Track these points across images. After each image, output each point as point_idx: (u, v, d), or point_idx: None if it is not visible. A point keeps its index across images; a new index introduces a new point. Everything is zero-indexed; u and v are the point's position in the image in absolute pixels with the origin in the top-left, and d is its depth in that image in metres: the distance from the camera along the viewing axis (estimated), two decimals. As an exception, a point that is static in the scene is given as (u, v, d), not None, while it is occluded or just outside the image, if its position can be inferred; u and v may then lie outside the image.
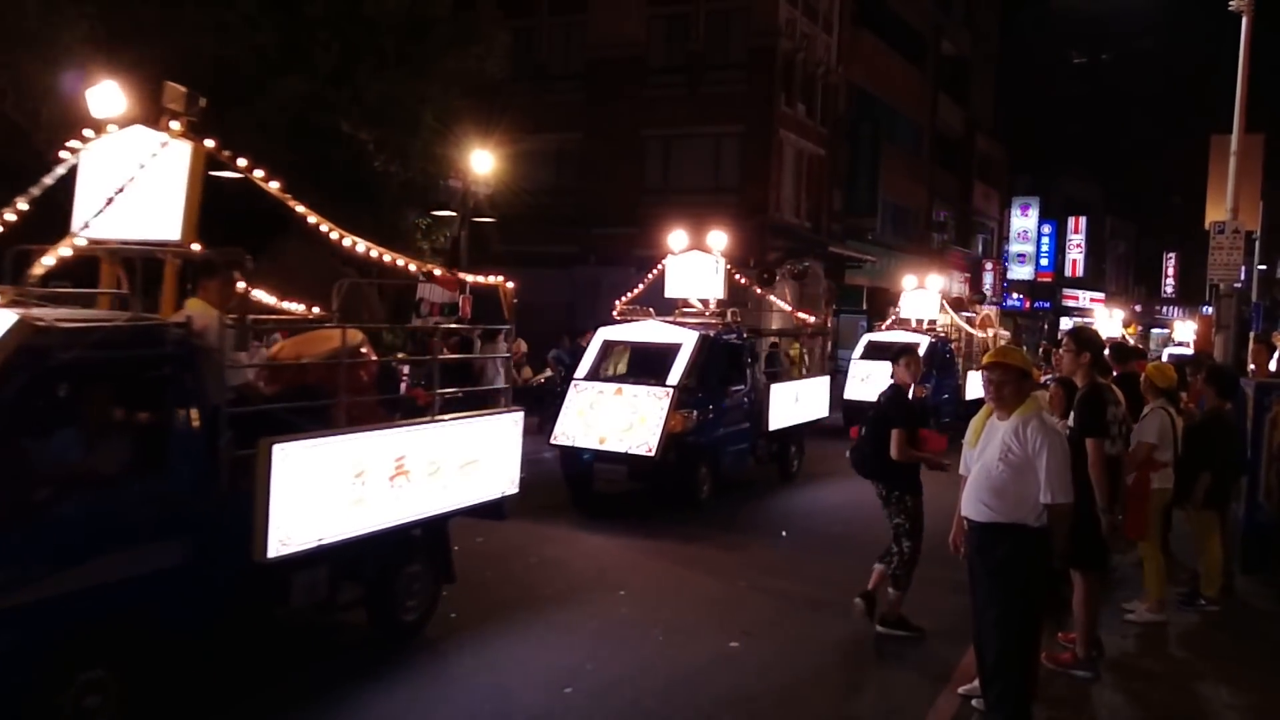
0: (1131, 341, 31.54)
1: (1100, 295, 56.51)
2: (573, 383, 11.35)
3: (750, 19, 26.49)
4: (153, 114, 5.71)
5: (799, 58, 27.58)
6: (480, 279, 8.10)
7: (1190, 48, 60.14)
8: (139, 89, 5.95)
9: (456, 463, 6.56)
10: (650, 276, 13.03)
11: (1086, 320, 42.12)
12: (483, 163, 18.26)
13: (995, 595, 4.93)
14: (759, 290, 14.10)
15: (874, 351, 18.42)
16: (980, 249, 46.32)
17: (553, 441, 11.04)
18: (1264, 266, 39.52)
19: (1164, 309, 63.34)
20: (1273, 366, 11.31)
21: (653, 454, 10.32)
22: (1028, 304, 50.74)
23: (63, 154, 5.73)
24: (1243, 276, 25.41)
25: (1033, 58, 64.71)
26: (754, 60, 26.46)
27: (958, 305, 22.48)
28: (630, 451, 10.49)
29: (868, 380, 17.49)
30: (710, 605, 7.74)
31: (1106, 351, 7.35)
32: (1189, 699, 5.93)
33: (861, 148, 30.59)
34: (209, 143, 5.74)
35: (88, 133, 5.75)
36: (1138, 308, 60.70)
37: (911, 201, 36.89)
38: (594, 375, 11.53)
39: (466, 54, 17.35)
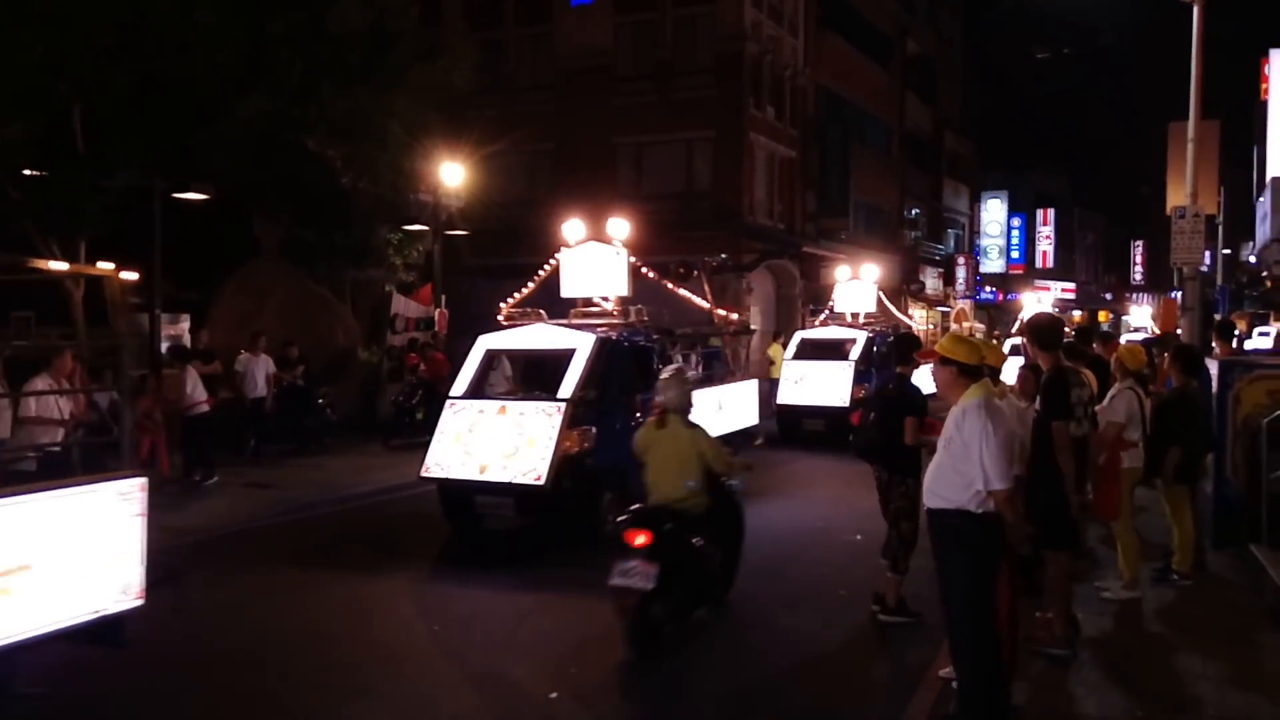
0: (1105, 328, 31.87)
1: (1071, 285, 57.16)
2: (448, 402, 9.81)
3: (716, 24, 26.68)
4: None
5: (766, 61, 27.77)
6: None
7: (1150, 41, 60.90)
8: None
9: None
10: (542, 273, 11.69)
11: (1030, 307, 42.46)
12: (453, 176, 18.27)
13: (949, 580, 4.99)
14: (670, 285, 12.30)
15: (808, 350, 17.16)
16: (952, 244, 46.71)
17: (424, 474, 9.45)
18: (1228, 251, 40.08)
19: (1134, 295, 64.05)
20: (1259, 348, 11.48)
21: (543, 482, 8.81)
22: (1000, 296, 51.22)
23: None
24: (1207, 261, 25.74)
25: (997, 55, 65.45)
26: (722, 65, 26.63)
27: (897, 297, 21.92)
28: (515, 481, 8.96)
29: (803, 383, 16.40)
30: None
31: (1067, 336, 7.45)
32: (1165, 672, 6.01)
33: (831, 149, 30.84)
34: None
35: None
36: (1108, 295, 61.37)
37: (883, 200, 37.18)
38: (476, 392, 9.98)
39: (433, 67, 17.38)
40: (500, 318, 11.03)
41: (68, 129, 14.06)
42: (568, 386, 9.39)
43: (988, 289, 49.98)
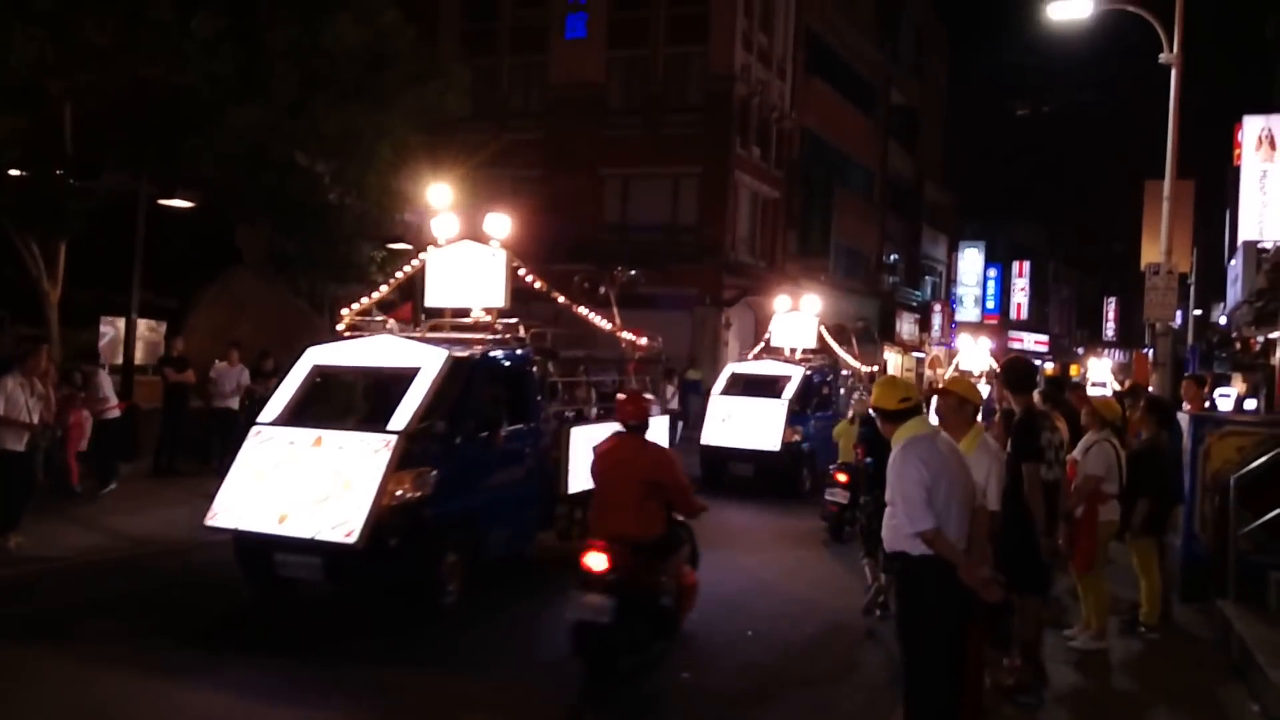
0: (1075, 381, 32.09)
1: (1045, 337, 57.85)
2: (253, 429, 7.84)
3: (707, 64, 27.04)
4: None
5: (754, 102, 28.13)
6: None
7: (1130, 99, 62.33)
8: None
9: None
10: (402, 274, 9.74)
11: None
12: (441, 197, 18.26)
13: (900, 622, 5.01)
14: (562, 299, 9.98)
15: (738, 385, 15.49)
16: (929, 291, 47.20)
17: (209, 522, 7.41)
18: (1199, 311, 40.74)
19: (1107, 351, 64.89)
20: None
21: (353, 540, 6.77)
22: (954, 342, 51.77)
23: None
24: (1179, 320, 26.16)
25: (979, 108, 66.59)
26: (711, 104, 26.96)
27: (840, 333, 19.44)
28: (320, 538, 6.90)
29: (729, 421, 14.70)
30: None
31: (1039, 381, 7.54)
32: (1131, 723, 6.06)
33: (814, 191, 31.21)
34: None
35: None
36: (1080, 350, 62.17)
37: (863, 244, 37.59)
38: (293, 418, 7.96)
39: (426, 89, 17.42)
40: (340, 326, 9.04)
41: (56, 128, 13.97)
42: (403, 415, 7.42)
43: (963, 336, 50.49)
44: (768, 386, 15.17)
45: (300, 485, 7.24)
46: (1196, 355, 28.16)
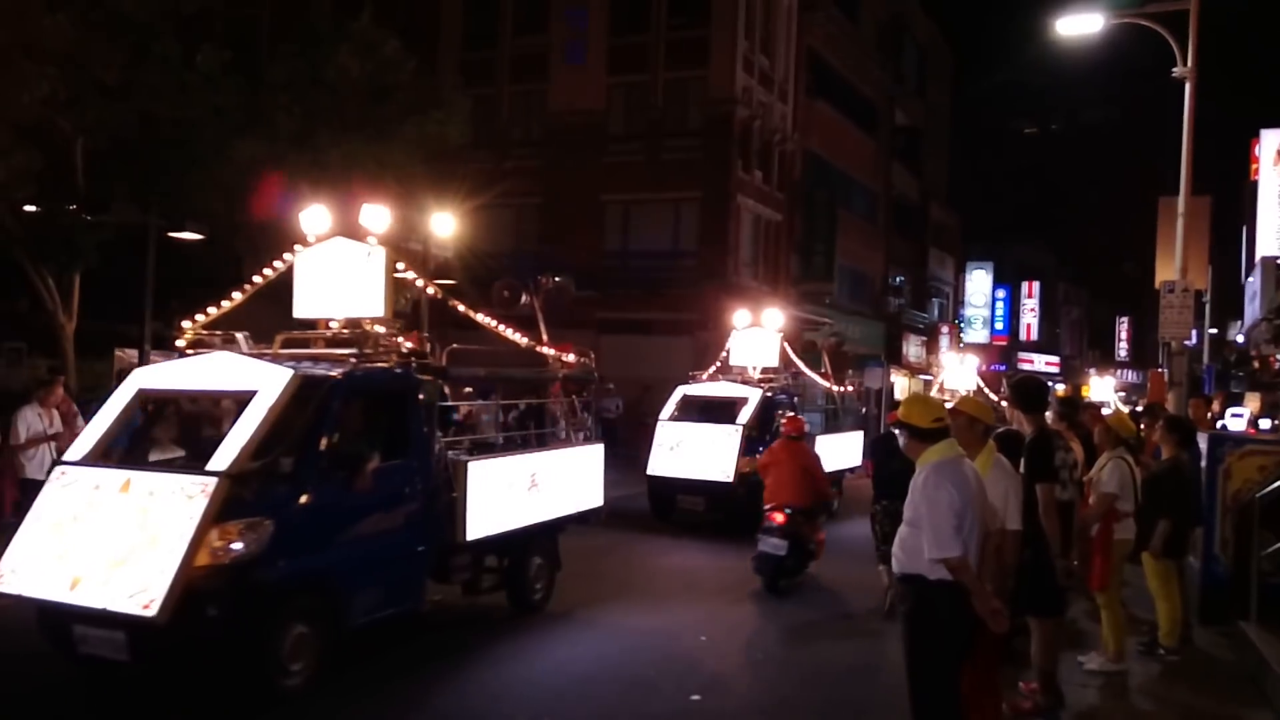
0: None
1: (1056, 359, 57.60)
2: (56, 470, 6.55)
3: (707, 88, 27.09)
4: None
5: (755, 126, 28.17)
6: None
7: (1138, 117, 62.38)
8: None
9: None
10: (261, 278, 7.87)
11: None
12: (443, 226, 18.30)
13: (909, 646, 4.89)
14: (462, 308, 8.48)
15: (689, 410, 14.16)
16: (936, 313, 47.08)
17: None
18: (1215, 330, 40.46)
19: (1119, 372, 64.61)
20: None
21: (152, 613, 5.48)
22: (985, 367, 51.50)
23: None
24: (1194, 339, 25.95)
25: (984, 128, 66.80)
26: (711, 128, 26.98)
27: (810, 349, 18.32)
28: (118, 610, 5.59)
29: (679, 449, 13.29)
30: None
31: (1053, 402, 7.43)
32: (1152, 749, 5.89)
33: (817, 213, 31.15)
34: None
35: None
36: (1092, 370, 61.86)
37: (868, 266, 37.51)
38: (104, 456, 6.59)
39: (427, 119, 17.55)
40: (179, 342, 7.51)
41: (68, 164, 14.15)
42: (228, 451, 5.99)
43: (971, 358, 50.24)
44: (722, 410, 13.87)
45: (99, 541, 5.88)
46: (1212, 374, 27.90)
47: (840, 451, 16.56)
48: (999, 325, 53.02)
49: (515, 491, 8.13)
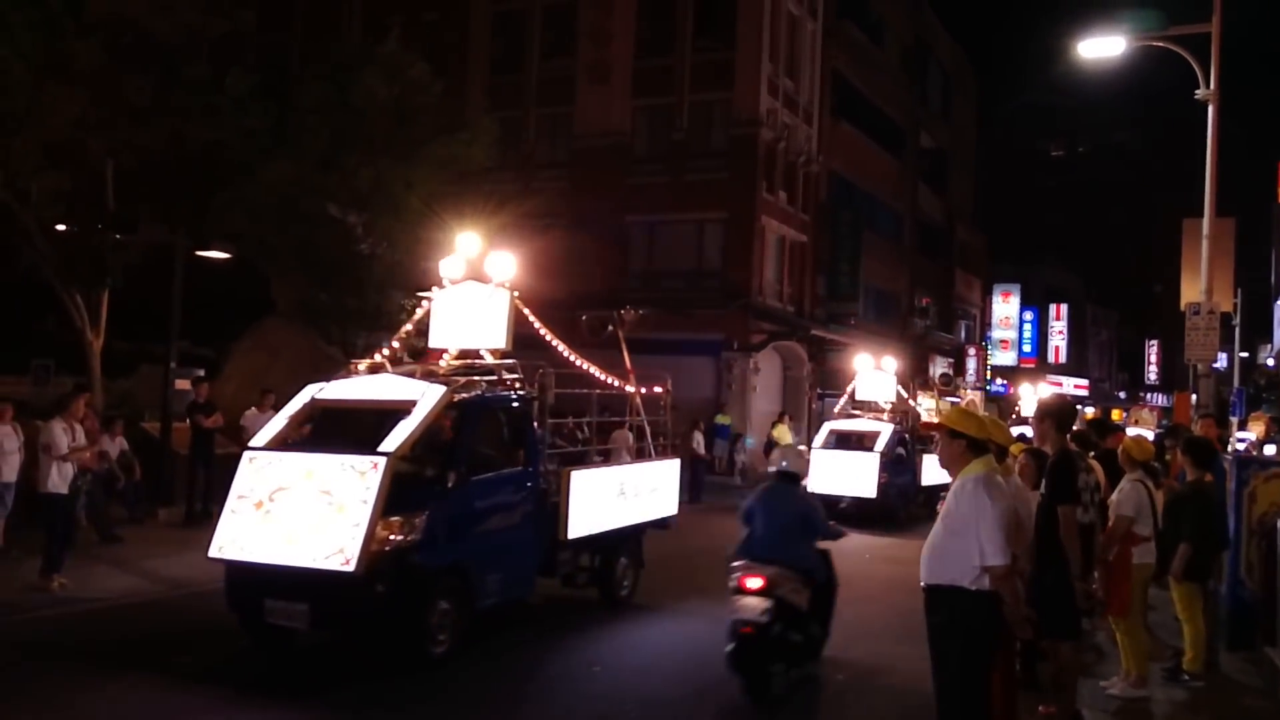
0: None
1: (1084, 382, 56.98)
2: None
3: (732, 110, 27.22)
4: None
5: (780, 147, 28.24)
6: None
7: (1168, 138, 61.83)
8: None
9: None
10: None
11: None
12: (470, 247, 18.44)
13: (942, 658, 4.89)
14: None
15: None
16: (963, 335, 46.80)
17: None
18: (1245, 354, 39.87)
19: (1148, 395, 63.84)
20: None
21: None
22: (1012, 389, 51.02)
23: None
24: (1223, 361, 25.56)
25: (1011, 150, 66.54)
26: (736, 149, 27.08)
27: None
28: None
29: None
30: None
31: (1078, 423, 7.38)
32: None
33: (842, 234, 31.11)
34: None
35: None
36: (1121, 394, 61.20)
37: (893, 287, 37.38)
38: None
39: (453, 141, 17.75)
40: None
41: (98, 184, 14.41)
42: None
43: (999, 381, 49.82)
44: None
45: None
46: (1243, 398, 27.46)
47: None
48: (1026, 348, 52.58)
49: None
